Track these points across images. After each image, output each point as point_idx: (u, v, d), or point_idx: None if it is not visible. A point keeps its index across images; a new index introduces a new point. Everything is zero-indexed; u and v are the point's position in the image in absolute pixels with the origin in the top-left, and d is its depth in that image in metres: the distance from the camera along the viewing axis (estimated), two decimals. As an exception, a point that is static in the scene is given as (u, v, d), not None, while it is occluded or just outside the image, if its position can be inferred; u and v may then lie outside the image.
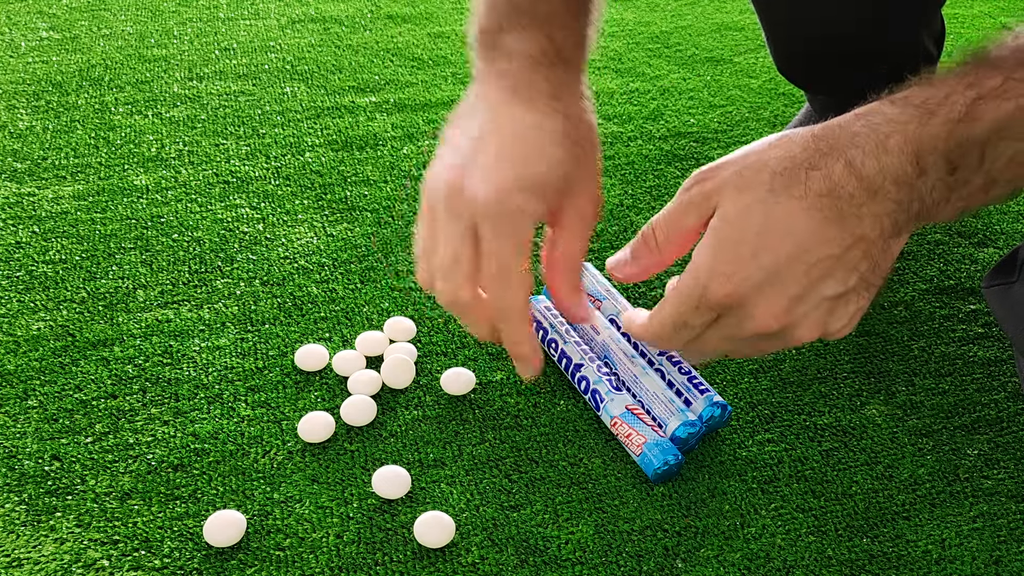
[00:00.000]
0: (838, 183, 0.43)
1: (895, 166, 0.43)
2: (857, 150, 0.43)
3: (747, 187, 0.45)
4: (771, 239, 0.44)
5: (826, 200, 0.44)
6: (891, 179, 0.43)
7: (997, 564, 0.57)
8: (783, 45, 0.83)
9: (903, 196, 0.43)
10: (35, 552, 0.56)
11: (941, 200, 0.44)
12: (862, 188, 0.43)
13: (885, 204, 0.44)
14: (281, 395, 0.67)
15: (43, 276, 0.77)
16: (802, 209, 0.44)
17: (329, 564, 0.56)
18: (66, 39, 1.14)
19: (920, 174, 0.43)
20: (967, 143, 0.42)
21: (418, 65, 1.12)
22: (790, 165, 0.44)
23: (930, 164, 0.43)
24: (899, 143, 0.42)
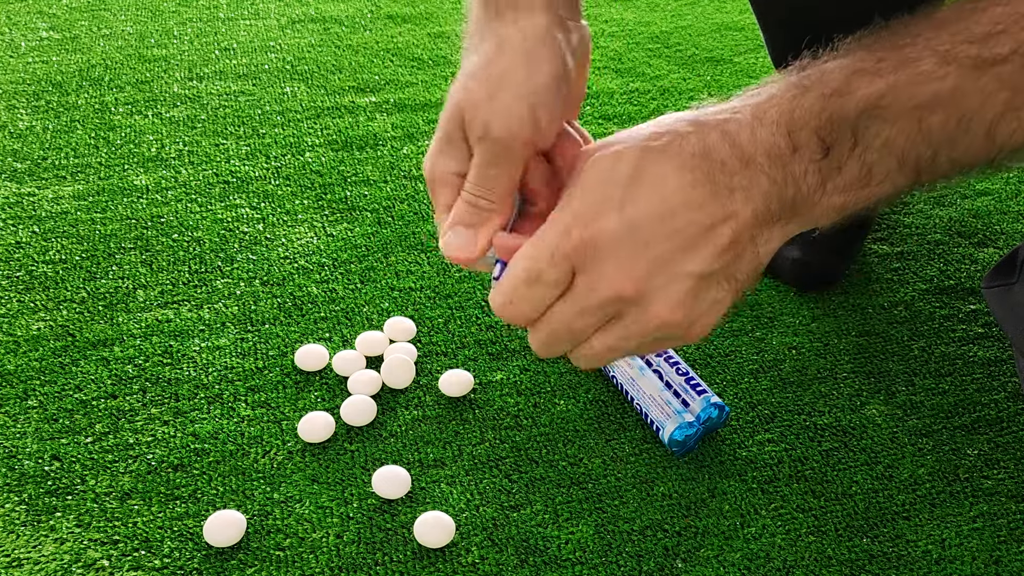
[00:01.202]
0: (712, 147, 0.42)
1: (768, 138, 0.42)
2: (734, 122, 0.43)
3: (623, 143, 0.43)
4: (638, 191, 0.42)
5: (699, 160, 0.42)
6: (763, 151, 0.42)
7: (997, 564, 0.57)
8: (782, 45, 0.83)
9: (776, 173, 0.42)
10: (35, 552, 0.56)
11: (816, 187, 0.43)
12: (735, 156, 0.42)
13: (758, 178, 0.42)
14: (281, 395, 0.67)
15: (43, 276, 0.77)
16: (673, 167, 0.42)
17: (329, 564, 0.56)
18: (66, 39, 1.14)
19: (793, 150, 0.42)
20: (838, 119, 0.41)
21: (418, 65, 1.12)
22: (666, 129, 0.43)
23: (803, 140, 0.42)
24: (774, 117, 0.42)
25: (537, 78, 0.48)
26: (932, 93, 0.41)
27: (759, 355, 0.72)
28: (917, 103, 0.41)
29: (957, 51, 0.40)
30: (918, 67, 0.41)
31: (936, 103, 0.41)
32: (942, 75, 0.40)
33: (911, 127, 0.42)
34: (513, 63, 0.48)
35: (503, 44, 0.49)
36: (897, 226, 0.86)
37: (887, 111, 0.41)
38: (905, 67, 0.41)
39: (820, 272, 0.78)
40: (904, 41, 0.42)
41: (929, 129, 0.41)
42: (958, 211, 0.88)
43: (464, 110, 0.48)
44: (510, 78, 0.48)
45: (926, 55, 0.41)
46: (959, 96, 0.41)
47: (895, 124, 0.41)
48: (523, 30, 0.50)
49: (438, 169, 0.49)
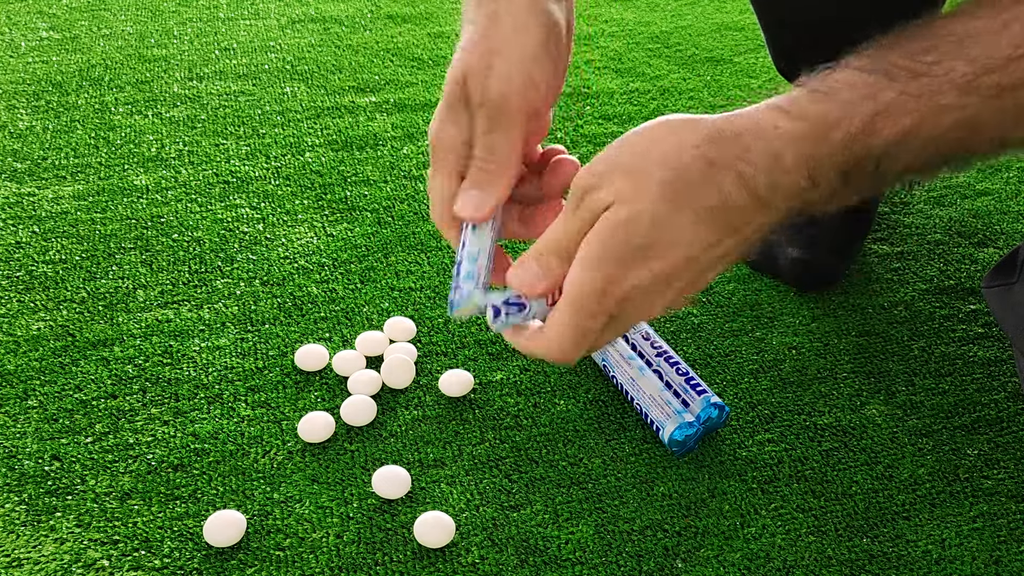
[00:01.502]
0: (729, 197, 0.43)
1: (786, 183, 0.43)
2: (749, 165, 0.43)
3: (634, 199, 0.44)
4: (660, 249, 0.44)
5: (716, 213, 0.44)
6: (783, 195, 0.43)
7: (997, 564, 0.57)
8: (782, 45, 0.83)
9: (793, 205, 0.44)
10: (35, 552, 0.56)
11: (829, 199, 0.44)
12: (752, 202, 0.43)
13: (773, 215, 0.44)
14: (281, 395, 0.67)
15: (43, 276, 0.77)
16: (691, 222, 0.44)
17: (329, 564, 0.56)
18: (66, 39, 1.14)
19: (813, 187, 0.43)
20: (864, 158, 0.42)
21: (418, 65, 1.12)
22: (678, 177, 0.44)
23: (822, 177, 0.43)
24: (793, 160, 0.42)
25: (529, 45, 0.49)
26: (952, 121, 0.41)
27: (759, 355, 0.72)
28: (938, 133, 0.42)
29: (979, 82, 0.41)
30: (940, 101, 0.41)
31: (955, 128, 0.42)
32: (963, 105, 0.41)
33: (929, 151, 0.43)
34: (507, 31, 0.49)
35: (497, 13, 0.50)
36: (897, 226, 0.86)
37: (910, 145, 0.42)
38: (927, 102, 0.41)
39: (820, 272, 0.78)
40: (923, 68, 0.42)
41: (945, 146, 0.42)
42: (958, 211, 0.88)
43: (465, 78, 0.49)
44: (505, 46, 0.49)
45: (947, 88, 0.41)
46: (977, 121, 0.41)
47: (915, 153, 0.42)
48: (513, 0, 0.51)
49: (442, 135, 0.50)
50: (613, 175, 0.45)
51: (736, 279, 0.79)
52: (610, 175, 0.45)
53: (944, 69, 0.41)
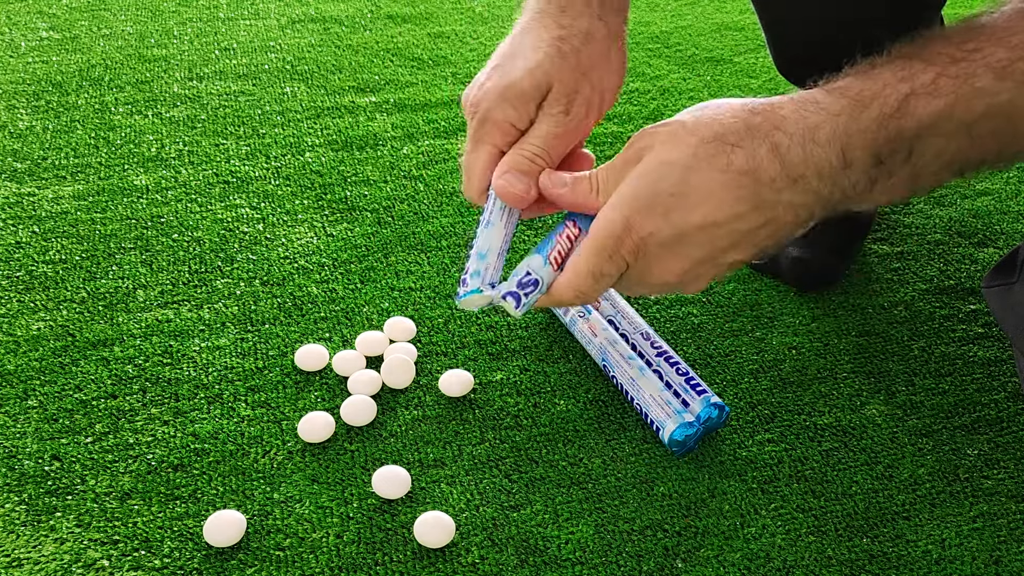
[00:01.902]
0: (761, 164, 0.43)
1: (820, 157, 0.43)
2: (784, 135, 0.43)
3: (673, 146, 0.45)
4: (685, 201, 0.45)
5: (746, 179, 0.44)
6: (814, 170, 0.43)
7: (997, 564, 0.57)
8: (783, 45, 0.83)
9: (824, 187, 0.44)
10: (35, 552, 0.56)
11: (864, 191, 0.44)
12: (784, 174, 0.43)
13: (805, 194, 0.44)
14: (281, 395, 0.67)
15: (43, 276, 0.77)
16: (720, 183, 0.44)
17: (329, 564, 0.56)
18: (66, 39, 1.14)
19: (845, 167, 0.43)
20: (897, 138, 0.42)
21: (418, 65, 1.12)
22: (717, 135, 0.44)
23: (856, 157, 0.43)
24: (827, 134, 0.43)
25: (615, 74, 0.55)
26: (986, 106, 0.42)
27: (759, 355, 0.72)
28: (972, 118, 0.42)
29: (1014, 67, 0.41)
30: (975, 83, 0.41)
31: (989, 115, 0.42)
32: (998, 90, 0.41)
33: (964, 139, 0.43)
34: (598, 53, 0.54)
35: (592, 34, 0.54)
36: (897, 226, 0.86)
37: (943, 126, 0.42)
38: (962, 84, 0.42)
39: (820, 272, 0.78)
40: (961, 54, 0.42)
41: (981, 138, 0.43)
42: (958, 211, 0.88)
43: (551, 84, 0.53)
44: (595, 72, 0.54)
45: (982, 71, 0.41)
46: (1012, 108, 0.42)
47: (949, 137, 0.42)
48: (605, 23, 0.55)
49: (497, 113, 0.53)
50: (663, 128, 0.47)
51: (736, 279, 0.79)
52: (661, 128, 0.47)
53: (983, 54, 0.42)
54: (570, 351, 0.71)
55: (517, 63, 0.53)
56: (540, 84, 0.52)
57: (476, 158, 0.54)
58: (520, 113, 0.53)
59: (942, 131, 0.42)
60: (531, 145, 0.53)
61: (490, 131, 0.53)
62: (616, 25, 0.55)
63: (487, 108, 0.53)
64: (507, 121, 0.53)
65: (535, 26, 0.55)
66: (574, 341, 0.72)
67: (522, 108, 0.53)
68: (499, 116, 0.53)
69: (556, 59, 0.52)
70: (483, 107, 0.53)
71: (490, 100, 0.53)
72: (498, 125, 0.53)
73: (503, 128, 0.53)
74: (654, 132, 0.47)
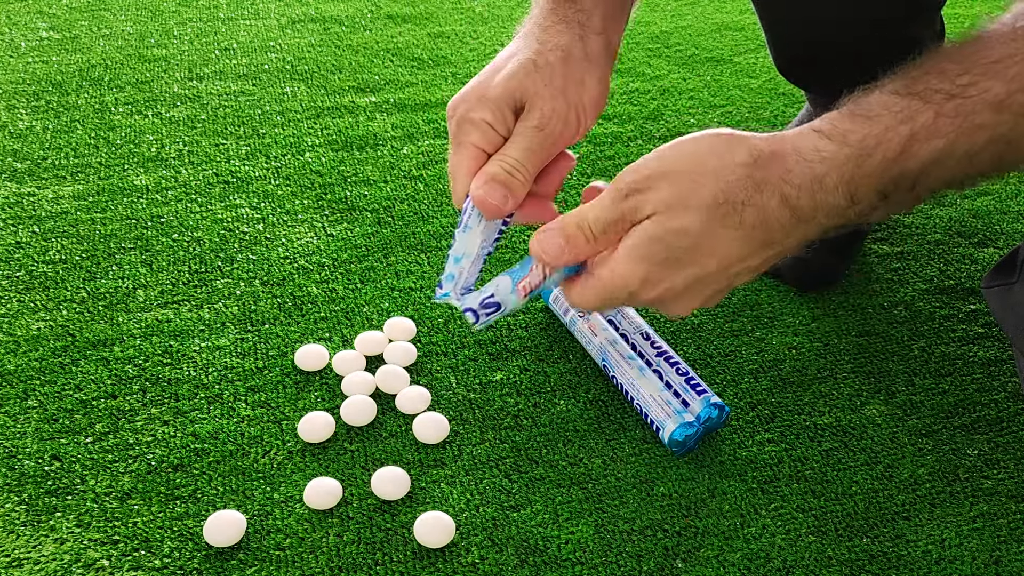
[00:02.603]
0: (771, 216, 0.46)
1: (829, 202, 0.45)
2: (792, 187, 0.45)
3: (681, 211, 0.46)
4: (699, 257, 0.47)
5: (758, 231, 0.46)
6: (823, 212, 0.46)
7: (997, 564, 0.57)
8: (783, 45, 0.83)
9: (831, 222, 0.46)
10: (35, 552, 0.56)
11: (866, 215, 0.46)
12: (794, 219, 0.46)
13: (813, 230, 0.47)
14: (281, 395, 0.67)
15: (43, 276, 0.77)
16: (734, 238, 0.46)
17: (329, 564, 0.56)
18: (66, 39, 1.14)
19: (852, 205, 0.45)
20: (900, 177, 0.44)
21: (418, 65, 1.12)
22: (726, 197, 0.46)
23: (862, 197, 0.45)
24: (834, 182, 0.45)
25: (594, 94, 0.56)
26: (987, 139, 0.43)
27: (759, 355, 0.72)
28: (974, 151, 0.44)
29: (1012, 100, 0.42)
30: (974, 120, 0.43)
31: (989, 144, 0.43)
32: (996, 123, 0.43)
33: (966, 166, 0.44)
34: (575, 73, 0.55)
35: (571, 53, 0.56)
36: (897, 226, 0.86)
37: (946, 162, 0.44)
38: (962, 123, 0.43)
39: (820, 272, 0.78)
40: (956, 90, 0.44)
41: (980, 163, 0.44)
42: (958, 211, 0.88)
43: (526, 95, 0.54)
44: (577, 90, 0.55)
45: (981, 108, 0.43)
46: (1012, 138, 0.43)
47: (952, 169, 0.44)
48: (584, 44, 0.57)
49: (473, 114, 0.54)
50: (662, 182, 0.47)
51: (736, 279, 0.79)
52: (659, 181, 0.47)
53: (979, 90, 0.43)
54: (570, 351, 0.71)
55: (493, 73, 0.55)
56: (514, 93, 0.54)
57: (459, 161, 0.55)
58: (496, 116, 0.54)
59: (945, 165, 0.44)
60: (510, 157, 0.54)
61: (468, 131, 0.55)
62: (597, 47, 0.57)
63: (464, 110, 0.55)
64: (483, 120, 0.54)
65: (519, 43, 0.57)
66: (574, 341, 0.72)
67: (497, 112, 0.54)
68: (476, 116, 0.54)
69: (532, 73, 0.54)
70: (460, 109, 0.55)
71: (467, 102, 0.55)
72: (475, 124, 0.54)
73: (480, 127, 0.54)
74: (653, 187, 0.47)
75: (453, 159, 0.56)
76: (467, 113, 0.54)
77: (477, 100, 0.54)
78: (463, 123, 0.55)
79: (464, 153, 0.55)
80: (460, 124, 0.55)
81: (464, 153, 0.55)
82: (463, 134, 0.55)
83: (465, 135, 0.55)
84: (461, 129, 0.55)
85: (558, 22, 0.57)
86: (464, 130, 0.55)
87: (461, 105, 0.55)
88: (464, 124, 0.55)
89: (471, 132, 0.55)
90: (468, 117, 0.54)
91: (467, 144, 0.55)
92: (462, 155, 0.55)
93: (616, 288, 0.49)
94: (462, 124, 0.55)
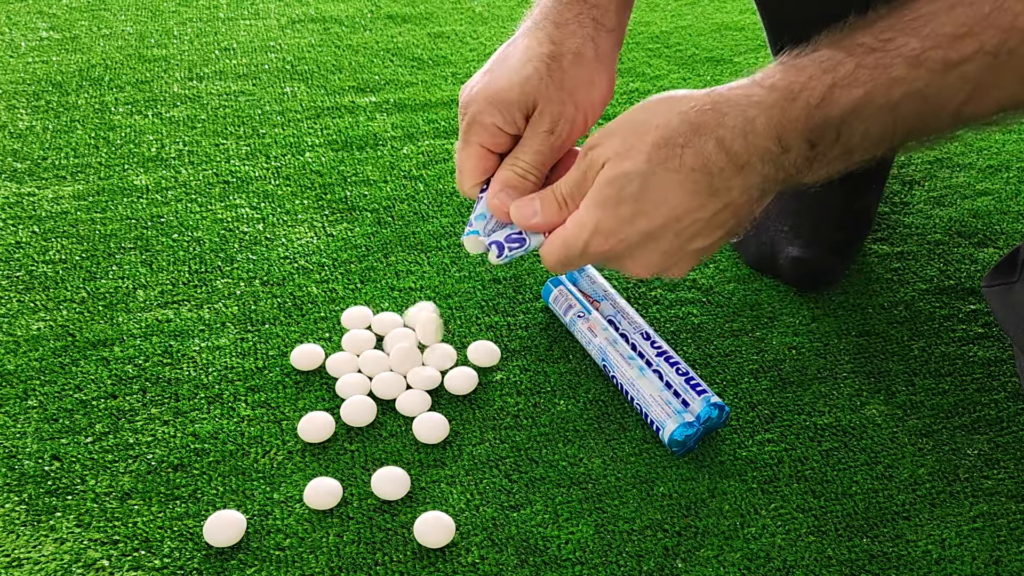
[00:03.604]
0: (709, 159, 0.48)
1: (760, 145, 0.47)
2: (726, 129, 0.48)
3: (627, 155, 0.49)
4: (647, 206, 0.49)
5: (698, 174, 0.48)
6: (757, 156, 0.48)
7: (997, 564, 0.57)
8: (784, 44, 0.83)
9: (768, 170, 0.48)
10: (35, 552, 0.56)
11: (804, 168, 0.48)
12: (731, 163, 0.48)
13: (752, 176, 0.48)
14: (281, 395, 0.67)
15: (43, 276, 0.77)
16: (676, 182, 0.49)
17: (329, 564, 0.56)
18: (66, 39, 1.14)
19: (783, 151, 0.47)
20: (824, 125, 0.47)
21: (418, 65, 1.12)
22: (667, 139, 0.49)
23: (792, 143, 0.47)
24: (764, 124, 0.47)
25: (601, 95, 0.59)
26: (903, 93, 0.45)
27: (759, 355, 0.72)
28: (891, 103, 0.46)
29: (926, 56, 0.45)
30: (891, 73, 0.45)
31: (907, 99, 0.46)
32: (913, 78, 0.45)
33: (886, 120, 0.47)
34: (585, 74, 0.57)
35: (582, 55, 0.57)
36: (897, 226, 0.86)
37: (865, 111, 0.46)
38: (880, 73, 0.46)
39: (820, 272, 0.78)
40: (877, 44, 0.46)
41: (903, 118, 0.46)
42: (958, 211, 0.88)
43: (538, 101, 0.56)
44: (587, 100, 0.58)
45: (897, 62, 0.45)
46: (928, 93, 0.45)
47: (872, 120, 0.46)
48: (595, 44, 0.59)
49: (485, 117, 0.57)
50: (613, 136, 0.51)
51: (736, 279, 0.79)
52: (611, 136, 0.51)
53: (897, 45, 0.45)
54: (570, 351, 0.71)
55: (506, 72, 0.57)
56: (526, 97, 0.56)
57: (467, 156, 0.58)
58: (506, 118, 0.57)
59: (864, 115, 0.46)
60: (522, 162, 0.57)
61: (478, 132, 0.57)
62: (608, 45, 0.59)
63: (475, 111, 0.57)
64: (494, 124, 0.57)
65: (530, 36, 0.58)
66: (574, 341, 0.72)
67: (508, 115, 0.56)
68: (487, 120, 0.57)
69: (544, 77, 0.56)
70: (472, 110, 0.57)
71: (478, 104, 0.57)
72: (485, 127, 0.57)
73: (490, 131, 0.57)
74: (606, 140, 0.51)
75: (461, 153, 0.59)
76: (478, 115, 0.57)
77: (487, 103, 0.56)
78: (473, 124, 0.57)
79: (471, 151, 0.58)
80: (471, 124, 0.57)
81: (471, 151, 0.58)
82: (473, 134, 0.57)
83: (475, 135, 0.57)
84: (471, 129, 0.57)
85: (572, 19, 0.58)
86: (474, 131, 0.57)
87: (472, 105, 0.57)
88: (475, 125, 0.57)
89: (481, 133, 0.57)
90: (479, 120, 0.57)
91: (475, 144, 0.58)
92: (470, 152, 0.58)
93: (572, 237, 0.52)
94: (472, 125, 0.57)
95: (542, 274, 0.78)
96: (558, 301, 0.73)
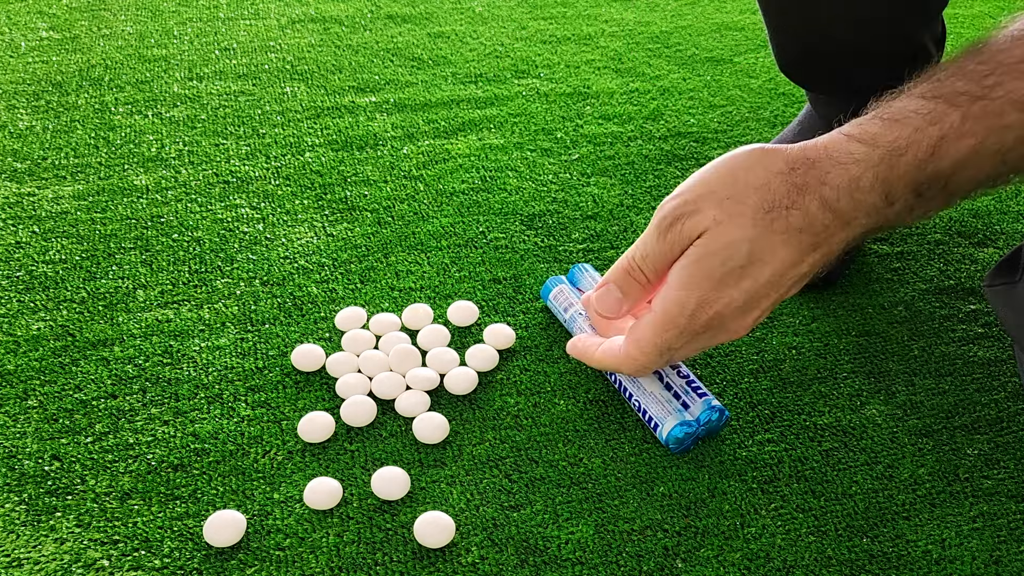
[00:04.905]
0: (815, 219, 0.48)
1: (867, 202, 0.47)
2: (830, 188, 0.47)
3: (731, 222, 0.48)
4: (754, 268, 0.49)
5: (804, 235, 0.48)
6: (863, 212, 0.48)
7: (997, 564, 0.57)
8: (786, 44, 0.83)
9: (871, 222, 0.48)
10: (35, 552, 0.56)
11: (905, 216, 0.48)
12: (836, 220, 0.48)
13: (855, 230, 0.49)
14: (281, 395, 0.67)
15: (43, 276, 0.77)
16: (781, 242, 0.48)
17: (329, 564, 0.56)
18: (66, 39, 1.14)
19: (889, 205, 0.47)
20: (933, 176, 0.46)
21: (418, 65, 1.12)
22: (771, 202, 0.48)
23: (898, 196, 0.47)
24: (870, 182, 0.47)
25: None
26: (1015, 138, 0.45)
27: (759, 355, 0.72)
28: (1003, 148, 0.45)
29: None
30: (1002, 120, 0.45)
31: (1017, 143, 0.45)
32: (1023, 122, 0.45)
33: (996, 164, 0.46)
34: None
35: None
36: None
37: (974, 160, 0.46)
38: (989, 121, 0.45)
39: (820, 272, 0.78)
40: (981, 92, 0.45)
41: (1013, 160, 0.46)
42: (958, 211, 0.88)
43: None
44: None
45: (1008, 108, 0.45)
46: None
47: (981, 166, 0.46)
48: None
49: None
50: (705, 203, 0.49)
51: (736, 279, 0.79)
52: (702, 202, 0.49)
53: (1004, 91, 0.45)
54: (570, 351, 0.71)
55: None
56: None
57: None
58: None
59: (973, 163, 0.46)
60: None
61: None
62: None
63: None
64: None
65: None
66: (574, 341, 0.72)
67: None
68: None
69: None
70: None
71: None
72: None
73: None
74: (702, 215, 0.49)
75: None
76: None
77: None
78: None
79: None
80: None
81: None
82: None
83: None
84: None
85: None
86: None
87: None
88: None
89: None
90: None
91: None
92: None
93: (672, 317, 0.50)
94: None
95: (542, 274, 0.79)
96: (558, 300, 0.73)
